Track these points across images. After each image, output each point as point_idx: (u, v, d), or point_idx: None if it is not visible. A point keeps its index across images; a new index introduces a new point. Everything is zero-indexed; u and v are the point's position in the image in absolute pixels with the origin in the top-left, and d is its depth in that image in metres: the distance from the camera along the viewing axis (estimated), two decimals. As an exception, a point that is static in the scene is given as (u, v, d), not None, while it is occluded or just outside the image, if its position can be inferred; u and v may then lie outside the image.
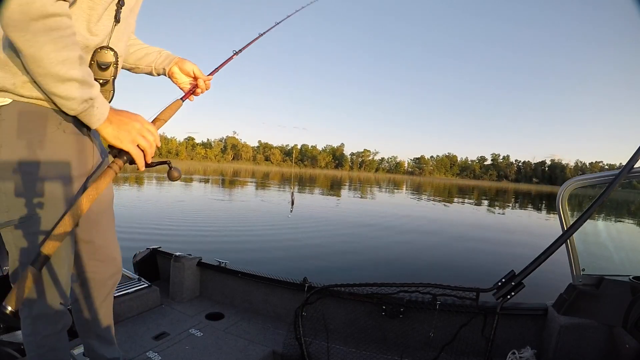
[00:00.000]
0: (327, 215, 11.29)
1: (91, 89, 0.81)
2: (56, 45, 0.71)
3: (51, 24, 0.69)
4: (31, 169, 0.86)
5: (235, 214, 10.54)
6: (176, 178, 0.99)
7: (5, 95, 0.83)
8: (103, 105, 0.85)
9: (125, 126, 0.87)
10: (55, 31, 0.70)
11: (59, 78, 0.74)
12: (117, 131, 0.86)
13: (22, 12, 0.66)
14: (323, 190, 25.37)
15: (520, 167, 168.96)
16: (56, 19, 0.70)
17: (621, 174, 1.42)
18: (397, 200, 22.17)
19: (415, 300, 1.82)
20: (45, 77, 0.74)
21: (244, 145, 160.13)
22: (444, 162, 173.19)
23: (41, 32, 0.69)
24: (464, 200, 26.12)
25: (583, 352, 1.60)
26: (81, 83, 0.78)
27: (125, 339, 1.79)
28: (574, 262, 1.67)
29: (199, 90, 1.20)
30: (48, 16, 0.69)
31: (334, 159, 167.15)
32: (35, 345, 1.00)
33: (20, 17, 0.67)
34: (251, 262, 5.25)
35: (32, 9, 0.66)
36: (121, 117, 0.88)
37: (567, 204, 1.69)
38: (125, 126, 0.87)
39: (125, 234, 6.17)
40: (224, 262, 2.45)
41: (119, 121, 0.87)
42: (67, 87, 0.76)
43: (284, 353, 1.81)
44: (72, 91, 0.77)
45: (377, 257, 6.30)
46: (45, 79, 0.74)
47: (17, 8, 0.66)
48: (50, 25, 0.69)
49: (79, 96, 0.78)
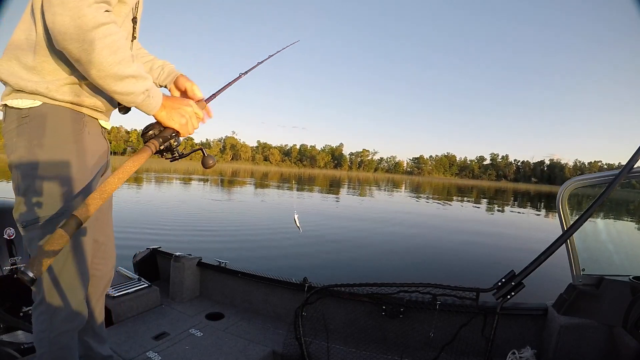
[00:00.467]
0: (326, 215, 11.28)
1: (146, 81, 0.88)
2: (111, 48, 0.79)
3: (104, 31, 0.77)
4: (61, 167, 0.92)
5: (235, 214, 10.53)
6: (210, 166, 1.04)
7: (35, 98, 0.89)
8: (157, 93, 0.93)
9: (179, 110, 0.97)
10: (109, 37, 0.78)
11: (118, 77, 0.82)
12: (170, 114, 0.96)
13: (77, 25, 0.73)
14: (322, 190, 25.38)
15: (519, 167, 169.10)
16: (108, 26, 0.78)
17: (621, 174, 1.42)
18: (396, 200, 22.15)
19: (415, 300, 1.81)
20: (106, 78, 0.81)
21: (243, 145, 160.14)
22: (443, 162, 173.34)
23: (97, 40, 0.76)
24: (463, 200, 26.09)
25: (583, 352, 1.59)
26: (137, 78, 0.85)
27: (125, 339, 1.79)
28: (574, 262, 1.66)
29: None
30: (100, 25, 0.76)
31: (333, 158, 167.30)
32: (49, 342, 1.00)
33: (75, 30, 0.74)
34: (251, 262, 5.25)
35: (86, 22, 0.74)
36: (173, 101, 0.98)
37: (567, 204, 1.69)
38: (178, 110, 0.97)
39: (125, 234, 6.16)
40: (224, 262, 2.45)
41: (171, 106, 0.96)
42: (126, 84, 0.84)
43: (284, 353, 1.81)
44: (131, 86, 0.85)
45: (377, 257, 6.29)
46: (106, 80, 0.81)
47: (70, 22, 0.73)
48: (104, 32, 0.77)
49: (137, 90, 0.86)
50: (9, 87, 0.91)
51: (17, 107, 0.89)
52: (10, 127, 0.91)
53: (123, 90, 0.84)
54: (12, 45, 0.89)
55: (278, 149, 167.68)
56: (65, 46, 0.76)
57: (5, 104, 0.91)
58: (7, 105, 0.91)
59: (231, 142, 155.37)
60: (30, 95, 0.89)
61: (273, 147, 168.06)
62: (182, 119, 0.97)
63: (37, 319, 1.00)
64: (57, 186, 0.92)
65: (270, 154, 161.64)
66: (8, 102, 0.90)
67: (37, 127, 0.90)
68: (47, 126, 0.90)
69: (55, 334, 1.00)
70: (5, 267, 1.71)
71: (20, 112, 0.90)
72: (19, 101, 0.89)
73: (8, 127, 0.92)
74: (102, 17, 0.76)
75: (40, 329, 1.00)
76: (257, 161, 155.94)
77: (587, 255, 1.69)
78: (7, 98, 0.90)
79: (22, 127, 0.90)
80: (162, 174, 29.48)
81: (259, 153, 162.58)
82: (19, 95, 0.89)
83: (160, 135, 0.94)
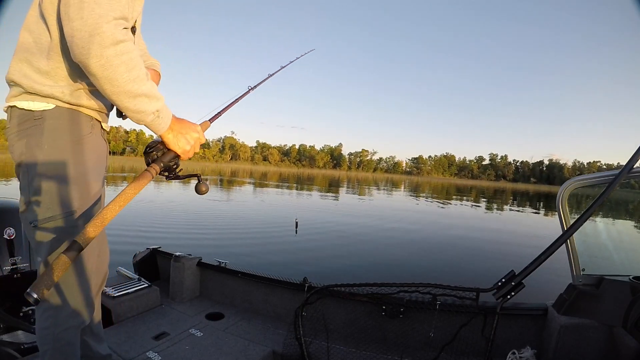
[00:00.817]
0: (326, 215, 11.28)
1: (158, 102, 0.89)
2: (127, 66, 0.80)
3: (122, 48, 0.79)
4: (71, 168, 0.95)
5: (235, 214, 10.53)
6: (203, 192, 1.05)
7: (49, 101, 0.92)
8: (167, 115, 0.94)
9: (185, 135, 0.98)
10: (126, 54, 0.79)
11: (131, 94, 0.83)
12: (176, 138, 0.97)
13: (96, 42, 0.75)
14: (322, 190, 25.37)
15: (519, 167, 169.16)
16: (125, 44, 0.79)
17: (621, 174, 1.42)
18: (395, 200, 22.16)
19: (415, 300, 1.81)
20: (120, 94, 0.82)
21: (242, 145, 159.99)
22: (442, 162, 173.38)
23: (114, 57, 0.78)
24: (462, 200, 26.09)
25: (583, 352, 1.59)
26: (149, 97, 0.87)
27: (125, 339, 1.79)
28: (574, 262, 1.66)
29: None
30: (118, 42, 0.78)
31: (332, 158, 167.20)
32: (53, 338, 1.01)
33: (94, 47, 0.75)
34: (251, 262, 5.25)
35: (104, 38, 0.75)
36: (182, 125, 0.99)
37: (567, 204, 1.69)
38: (184, 135, 0.98)
39: (125, 234, 6.16)
40: (224, 262, 2.45)
41: (179, 129, 0.97)
42: (139, 102, 0.85)
43: (284, 353, 1.81)
44: (143, 105, 0.86)
45: (377, 257, 6.29)
46: (119, 96, 0.82)
47: (89, 38, 0.75)
48: (122, 49, 0.78)
49: (148, 109, 0.87)
50: (17, 89, 0.91)
51: (28, 109, 0.91)
52: (21, 128, 0.92)
53: (135, 108, 0.85)
54: (21, 47, 0.90)
55: (277, 149, 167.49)
56: (83, 60, 0.77)
57: (15, 105, 0.92)
58: (16, 107, 0.92)
59: (230, 142, 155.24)
60: (43, 98, 0.91)
61: (272, 147, 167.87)
62: (187, 146, 0.98)
63: (42, 316, 1.00)
64: (69, 187, 0.94)
65: (269, 154, 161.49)
66: (17, 103, 0.91)
67: (50, 129, 0.92)
68: (60, 128, 0.93)
69: (60, 330, 1.00)
70: (5, 267, 1.71)
71: (33, 114, 0.91)
72: (30, 103, 0.91)
73: (19, 128, 0.93)
74: (120, 35, 0.78)
75: (45, 326, 1.00)
76: (256, 161, 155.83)
77: (587, 255, 1.69)
78: (16, 99, 0.91)
79: (34, 128, 0.91)
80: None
81: (258, 153, 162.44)
82: (31, 98, 0.91)
83: (162, 158, 0.96)
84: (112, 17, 0.76)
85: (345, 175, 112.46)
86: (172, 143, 0.96)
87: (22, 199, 0.96)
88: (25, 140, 0.92)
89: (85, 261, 1.01)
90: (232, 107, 1.26)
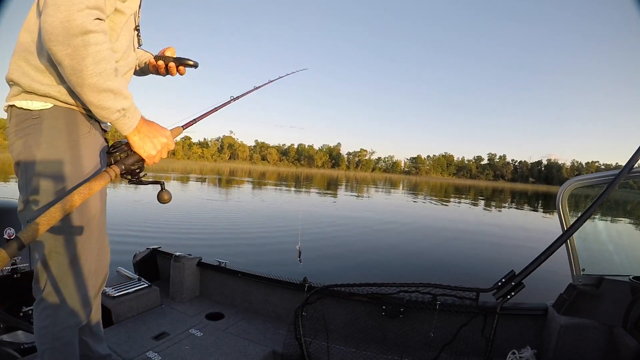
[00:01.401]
0: (326, 215, 11.28)
1: (124, 100, 0.87)
2: (94, 58, 0.78)
3: (90, 39, 0.76)
4: (69, 167, 0.94)
5: (234, 214, 10.53)
6: (166, 201, 1.01)
7: (47, 100, 0.91)
8: (134, 115, 0.91)
9: (152, 139, 0.95)
10: (94, 46, 0.77)
11: (96, 89, 0.81)
12: (142, 141, 0.94)
13: (64, 28, 0.73)
14: (320, 190, 25.36)
15: (517, 167, 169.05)
16: (95, 35, 0.77)
17: (621, 174, 1.42)
18: (394, 199, 22.14)
19: (415, 300, 1.81)
20: (83, 87, 0.80)
21: (241, 145, 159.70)
22: (441, 162, 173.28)
23: (81, 47, 0.76)
24: (461, 199, 26.09)
25: (583, 352, 1.59)
26: (115, 94, 0.84)
27: (125, 339, 1.79)
28: (574, 262, 1.67)
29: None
30: (87, 32, 0.76)
31: (330, 158, 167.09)
32: (52, 337, 1.00)
33: (62, 33, 0.74)
34: (251, 262, 5.25)
35: (74, 26, 0.74)
36: (150, 128, 0.96)
37: (567, 204, 1.69)
38: (151, 139, 0.95)
39: (125, 234, 6.16)
40: (224, 262, 2.44)
41: (146, 131, 0.95)
42: (103, 97, 0.82)
43: (284, 353, 1.81)
44: (107, 101, 0.83)
45: (377, 257, 6.29)
46: (83, 89, 0.80)
47: (59, 25, 0.73)
48: (90, 40, 0.76)
49: (113, 106, 0.85)
50: (17, 88, 0.91)
51: (27, 109, 0.91)
52: (19, 127, 0.92)
53: (99, 104, 0.83)
54: (20, 46, 0.90)
55: (276, 149, 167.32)
56: (50, 47, 0.75)
57: (14, 104, 0.92)
58: (15, 106, 0.92)
59: (229, 141, 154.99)
60: (41, 97, 0.90)
61: (271, 147, 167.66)
62: (153, 151, 0.96)
63: (40, 315, 1.00)
64: (66, 186, 0.94)
65: (268, 154, 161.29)
66: (16, 102, 0.91)
67: (48, 128, 0.91)
68: (57, 127, 0.92)
69: (59, 329, 1.00)
70: (5, 267, 1.70)
71: (31, 114, 0.91)
72: (29, 102, 0.90)
73: (17, 127, 0.92)
74: (91, 25, 0.76)
75: (43, 325, 1.00)
76: (254, 161, 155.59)
77: (587, 255, 1.69)
78: (16, 99, 0.91)
79: (32, 127, 0.91)
80: (162, 174, 29.47)
81: (256, 152, 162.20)
82: (29, 97, 0.90)
83: (124, 160, 0.93)
84: (85, 5, 0.75)
85: (344, 174, 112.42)
86: (137, 146, 0.94)
87: (21, 198, 0.96)
88: (23, 139, 0.91)
89: (83, 261, 1.01)
90: (210, 115, 1.23)
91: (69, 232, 0.96)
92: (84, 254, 1.00)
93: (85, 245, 1.00)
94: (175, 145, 1.04)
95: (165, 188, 1.00)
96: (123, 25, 0.98)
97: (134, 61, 1.14)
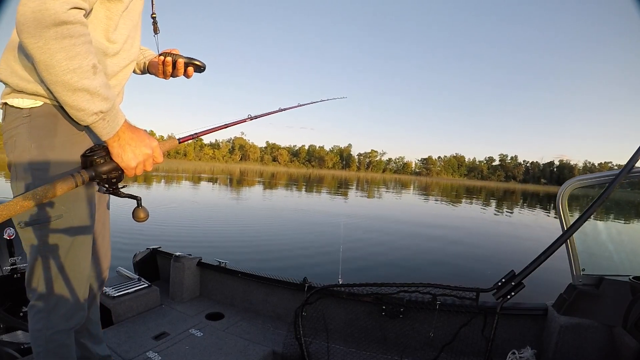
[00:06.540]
0: (328, 216, 11.28)
1: (103, 102, 0.78)
2: (68, 53, 0.70)
3: (63, 31, 0.69)
4: (59, 167, 0.90)
5: (234, 214, 10.53)
6: (142, 219, 0.92)
7: (37, 99, 0.87)
8: (114, 120, 0.82)
9: (134, 149, 0.85)
10: (68, 39, 0.70)
11: (69, 87, 0.73)
12: (122, 149, 0.84)
13: (35, 18, 0.66)
14: (331, 191, 25.34)
15: (529, 168, 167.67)
16: (69, 27, 0.70)
17: (621, 174, 1.42)
18: (404, 200, 22.11)
19: (415, 300, 1.81)
20: (56, 84, 0.73)
21: (252, 146, 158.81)
22: (452, 163, 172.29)
23: (53, 40, 0.68)
24: (472, 201, 26.00)
25: (583, 352, 1.59)
26: (92, 94, 0.76)
27: (125, 339, 1.79)
28: (574, 262, 1.67)
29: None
30: (60, 24, 0.68)
31: (341, 159, 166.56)
32: (45, 340, 0.99)
33: (33, 24, 0.67)
34: (251, 262, 5.25)
35: (45, 16, 0.66)
36: (133, 135, 0.86)
37: (567, 204, 1.69)
38: (133, 149, 0.85)
39: (125, 234, 6.16)
40: (224, 262, 2.44)
41: (128, 139, 0.85)
42: (77, 98, 0.75)
43: (284, 353, 1.81)
44: (82, 102, 0.75)
45: (377, 257, 6.29)
46: (55, 86, 0.73)
47: (30, 15, 0.66)
48: (63, 32, 0.69)
49: (88, 108, 0.76)
50: (9, 87, 0.90)
51: (17, 107, 0.88)
52: (11, 126, 0.90)
53: (73, 104, 0.75)
54: (10, 45, 0.87)
55: (286, 150, 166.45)
56: (22, 39, 0.69)
57: (6, 102, 0.90)
58: (7, 104, 0.90)
59: (240, 142, 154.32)
60: (31, 96, 0.88)
61: (281, 148, 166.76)
62: (133, 161, 0.85)
63: (34, 317, 0.99)
64: None
65: (278, 155, 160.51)
66: (8, 100, 0.89)
67: (38, 127, 0.88)
68: (48, 126, 0.89)
69: (51, 332, 0.99)
70: (5, 267, 1.71)
71: (22, 112, 0.88)
72: (19, 100, 0.88)
73: (8, 126, 0.91)
74: (66, 15, 0.68)
75: (37, 327, 0.99)
76: (265, 162, 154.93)
77: (587, 255, 1.69)
78: (7, 97, 0.90)
79: (22, 126, 0.88)
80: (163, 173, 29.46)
81: (267, 153, 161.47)
82: (19, 95, 0.88)
83: (98, 167, 0.83)
84: None
85: (355, 175, 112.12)
86: (116, 153, 0.84)
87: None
88: (14, 138, 0.89)
89: (75, 266, 0.99)
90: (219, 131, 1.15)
91: (58, 237, 0.93)
92: (75, 259, 0.98)
93: (77, 250, 0.98)
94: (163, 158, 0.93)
95: (142, 205, 0.91)
96: (121, 13, 0.92)
97: (136, 53, 1.08)
